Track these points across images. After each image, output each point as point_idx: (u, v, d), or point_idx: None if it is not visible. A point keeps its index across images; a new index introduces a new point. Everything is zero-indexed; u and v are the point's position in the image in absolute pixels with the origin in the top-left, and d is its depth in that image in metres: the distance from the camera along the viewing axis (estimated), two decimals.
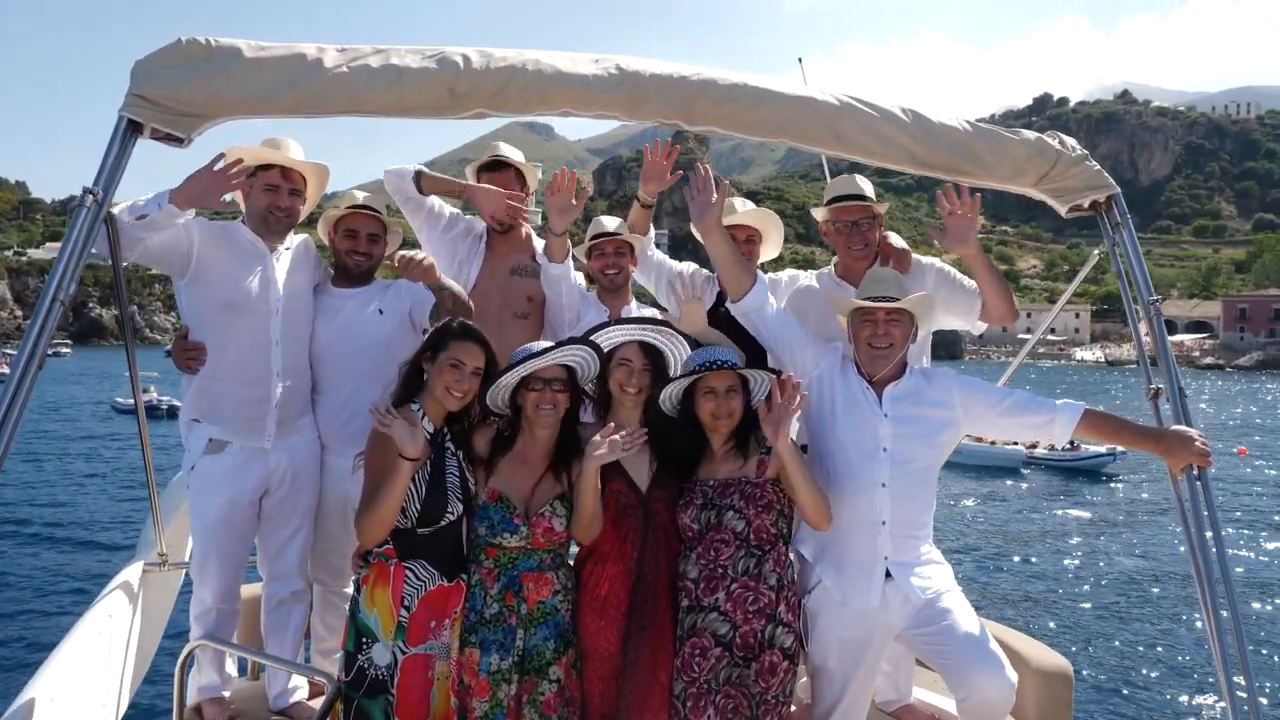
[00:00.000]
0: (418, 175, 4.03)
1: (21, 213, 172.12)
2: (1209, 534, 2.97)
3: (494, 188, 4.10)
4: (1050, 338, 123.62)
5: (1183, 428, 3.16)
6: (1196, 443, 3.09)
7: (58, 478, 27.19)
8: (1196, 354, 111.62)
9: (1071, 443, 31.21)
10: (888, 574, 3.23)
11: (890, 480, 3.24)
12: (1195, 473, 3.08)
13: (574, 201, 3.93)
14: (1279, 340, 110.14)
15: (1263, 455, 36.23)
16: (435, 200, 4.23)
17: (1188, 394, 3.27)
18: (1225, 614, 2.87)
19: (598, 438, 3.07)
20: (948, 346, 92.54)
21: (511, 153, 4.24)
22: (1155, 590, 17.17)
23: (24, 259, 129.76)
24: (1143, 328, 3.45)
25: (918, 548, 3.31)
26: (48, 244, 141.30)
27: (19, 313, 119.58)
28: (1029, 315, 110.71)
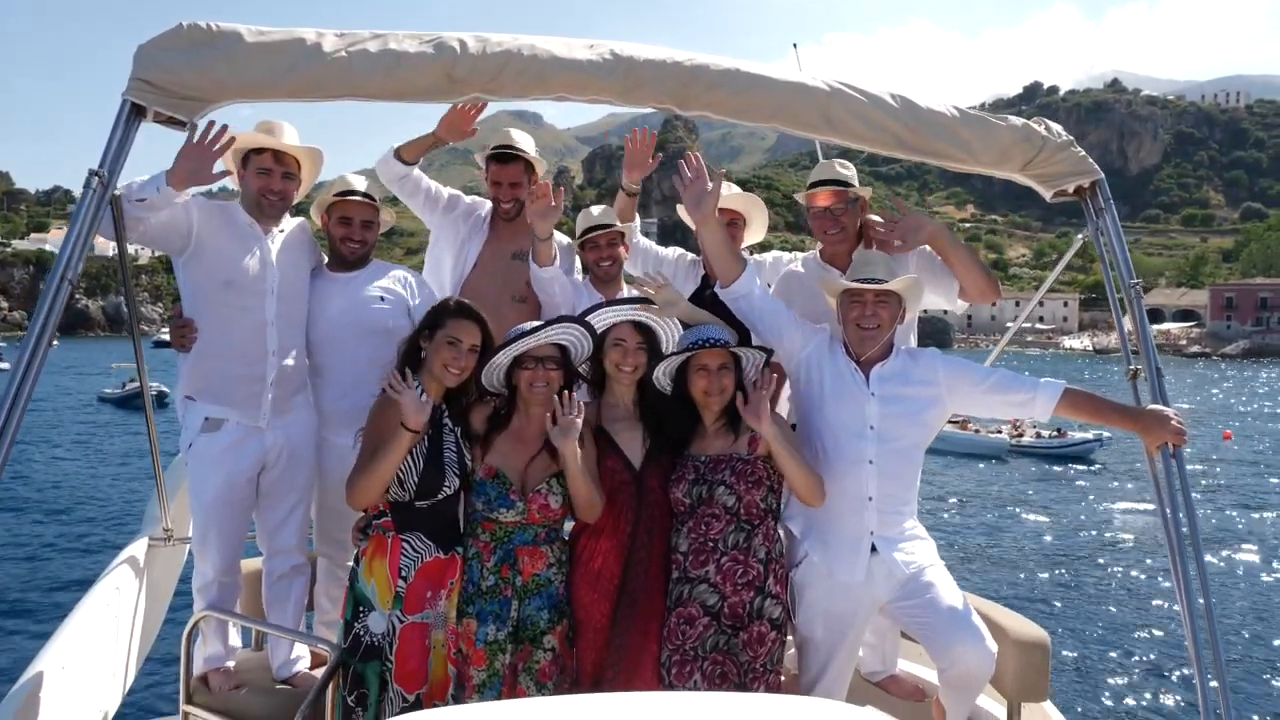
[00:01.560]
0: (397, 152, 4.11)
1: (5, 204, 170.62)
2: (1181, 511, 3.08)
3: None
4: (1039, 326, 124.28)
5: (1160, 407, 3.24)
6: (1172, 421, 3.18)
7: (54, 462, 27.37)
8: (1184, 342, 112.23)
9: (1058, 429, 31.58)
10: (873, 549, 3.32)
11: (877, 458, 3.32)
12: (1170, 450, 3.18)
13: (553, 204, 3.94)
14: (1265, 329, 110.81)
15: (1248, 440, 36.74)
16: (430, 183, 4.29)
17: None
18: (1195, 580, 2.98)
19: (549, 424, 3.14)
20: (937, 335, 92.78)
21: (522, 140, 4.25)
22: (1132, 566, 17.66)
23: (8, 250, 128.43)
24: (1124, 311, 3.53)
25: (902, 523, 3.39)
26: (33, 234, 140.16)
27: (4, 304, 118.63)
28: (1017, 304, 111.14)
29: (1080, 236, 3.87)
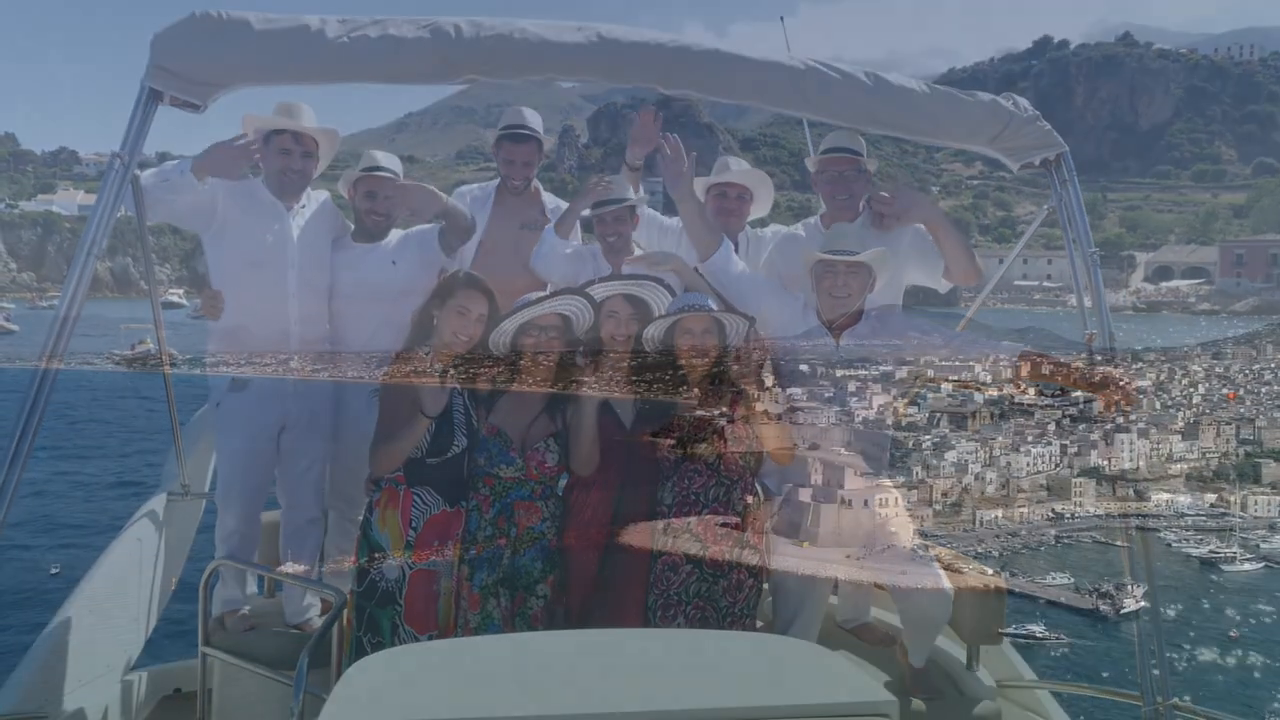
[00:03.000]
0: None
1: (12, 165, 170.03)
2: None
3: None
4: (1047, 284, 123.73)
5: None
6: None
7: (70, 423, 27.88)
8: (1192, 300, 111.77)
9: None
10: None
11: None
12: None
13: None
14: (1275, 286, 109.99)
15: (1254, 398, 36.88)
16: None
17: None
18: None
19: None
20: (946, 294, 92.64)
21: (533, 119, 4.44)
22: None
23: (16, 211, 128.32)
24: (1084, 278, 3.74)
25: (872, 479, 3.64)
26: (40, 196, 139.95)
27: (13, 265, 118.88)
28: (1025, 261, 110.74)
29: (1047, 207, 4.07)
